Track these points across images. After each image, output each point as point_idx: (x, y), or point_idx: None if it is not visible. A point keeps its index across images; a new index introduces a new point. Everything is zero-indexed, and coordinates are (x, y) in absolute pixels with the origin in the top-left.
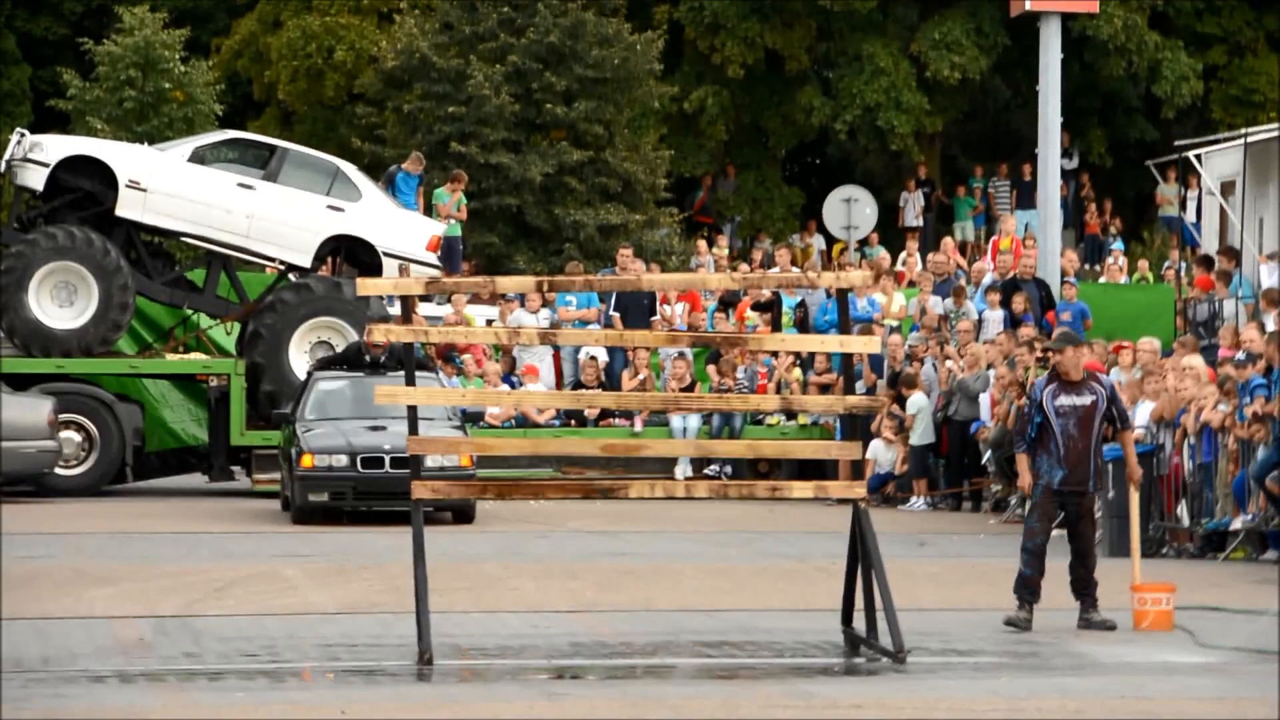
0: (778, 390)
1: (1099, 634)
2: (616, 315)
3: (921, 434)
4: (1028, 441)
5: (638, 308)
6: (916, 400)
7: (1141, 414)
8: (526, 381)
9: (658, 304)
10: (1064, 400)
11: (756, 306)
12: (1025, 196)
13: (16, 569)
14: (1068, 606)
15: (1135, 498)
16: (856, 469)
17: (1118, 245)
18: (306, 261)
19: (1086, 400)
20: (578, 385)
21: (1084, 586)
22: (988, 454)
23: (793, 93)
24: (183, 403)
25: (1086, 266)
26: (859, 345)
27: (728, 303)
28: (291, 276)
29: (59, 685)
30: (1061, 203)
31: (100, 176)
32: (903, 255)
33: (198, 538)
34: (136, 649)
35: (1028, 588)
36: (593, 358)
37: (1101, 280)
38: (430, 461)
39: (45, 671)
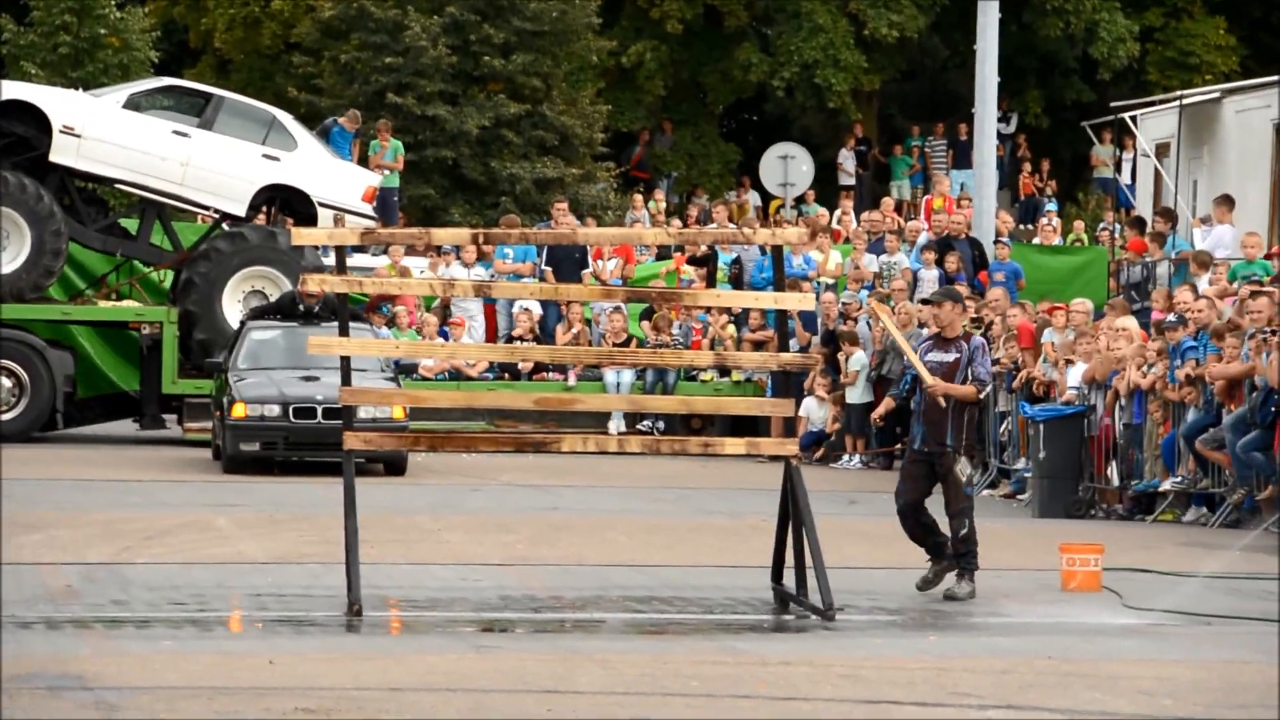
0: (712, 346)
1: (1030, 594)
2: (549, 269)
3: (860, 392)
4: (900, 390)
5: (570, 261)
6: (858, 358)
7: (1073, 376)
8: (454, 334)
9: (590, 258)
10: (932, 357)
11: (692, 261)
12: (962, 156)
13: None
14: (993, 566)
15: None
16: (789, 426)
17: (1052, 206)
18: (241, 210)
19: (951, 357)
20: (511, 339)
21: (954, 554)
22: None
23: (731, 49)
24: (114, 350)
25: (1022, 227)
26: (793, 302)
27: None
28: (226, 225)
29: None
30: (998, 163)
31: (34, 122)
32: (838, 213)
33: (128, 486)
34: (64, 596)
35: (921, 547)
36: (526, 310)
37: (1035, 241)
38: (363, 413)
39: None
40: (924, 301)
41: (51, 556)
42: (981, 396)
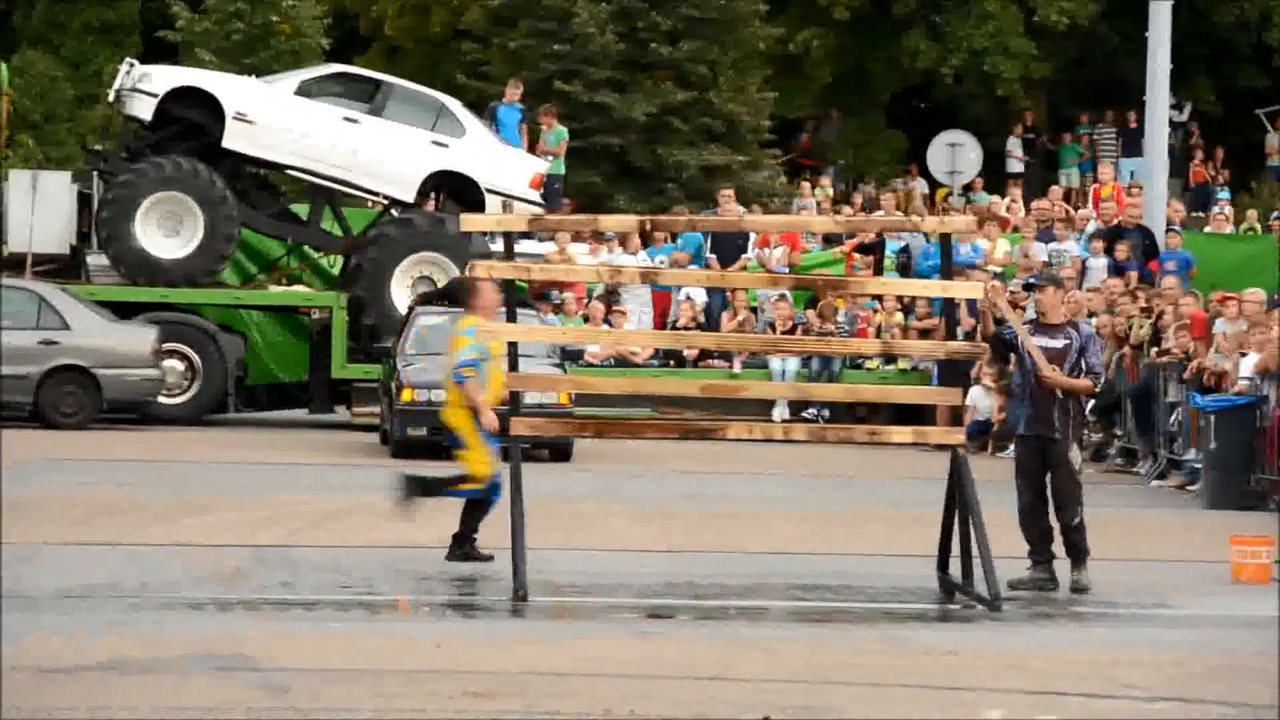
0: (878, 334)
1: (1199, 586)
2: (713, 256)
3: None
4: (1004, 332)
5: (734, 249)
6: None
7: (1245, 366)
8: (617, 322)
9: (750, 245)
10: (1037, 341)
11: (860, 249)
12: (1131, 144)
13: (116, 496)
14: (1162, 558)
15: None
16: (955, 415)
17: (1224, 195)
18: (410, 196)
19: (1059, 343)
20: (676, 326)
21: (1066, 543)
22: (1089, 403)
23: (899, 36)
24: (284, 334)
25: (1194, 215)
26: (961, 290)
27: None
28: (395, 211)
29: (157, 611)
30: (1169, 151)
31: (207, 108)
32: (1006, 201)
33: (297, 469)
34: (233, 578)
35: (1031, 549)
36: (689, 298)
37: (1207, 230)
38: (529, 398)
39: (143, 597)
40: (1025, 287)
41: (222, 539)
42: (1096, 389)
